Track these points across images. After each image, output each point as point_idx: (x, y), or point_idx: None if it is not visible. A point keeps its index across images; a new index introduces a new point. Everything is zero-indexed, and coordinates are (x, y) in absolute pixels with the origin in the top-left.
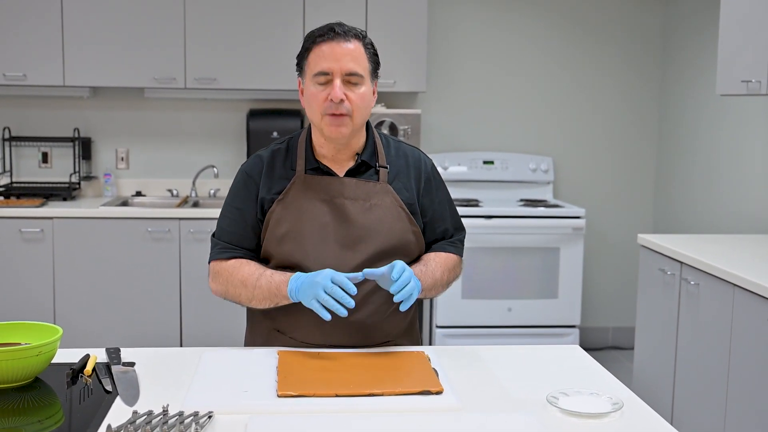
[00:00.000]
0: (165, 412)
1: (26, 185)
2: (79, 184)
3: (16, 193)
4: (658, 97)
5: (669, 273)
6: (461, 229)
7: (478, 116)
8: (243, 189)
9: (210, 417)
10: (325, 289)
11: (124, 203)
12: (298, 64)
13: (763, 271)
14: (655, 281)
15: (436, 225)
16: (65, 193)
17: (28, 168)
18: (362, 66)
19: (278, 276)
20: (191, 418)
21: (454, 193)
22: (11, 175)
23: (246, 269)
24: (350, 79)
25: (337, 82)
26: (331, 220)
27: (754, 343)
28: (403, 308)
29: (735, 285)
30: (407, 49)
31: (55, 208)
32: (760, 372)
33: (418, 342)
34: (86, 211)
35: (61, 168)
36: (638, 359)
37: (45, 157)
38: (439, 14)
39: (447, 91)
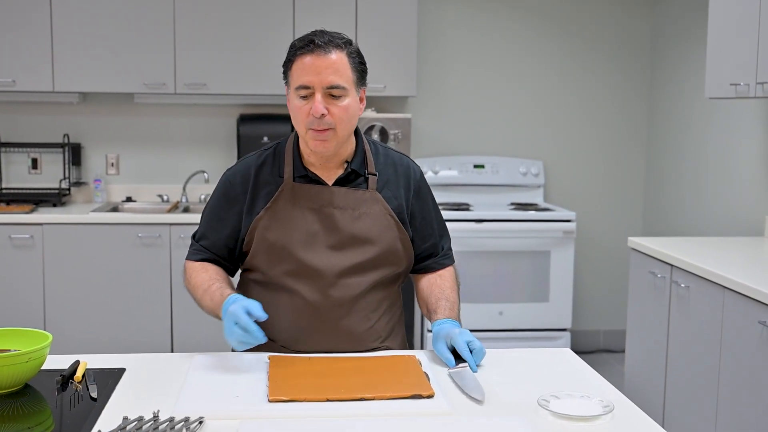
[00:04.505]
0: (155, 418)
1: (16, 191)
2: (69, 190)
3: (6, 199)
4: (648, 101)
5: (659, 276)
6: (447, 236)
7: (469, 120)
8: (223, 196)
9: (201, 422)
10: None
11: (115, 209)
12: (284, 73)
13: (752, 273)
14: (645, 284)
15: (426, 233)
16: (55, 199)
17: (17, 174)
18: (345, 77)
19: (218, 298)
20: (182, 423)
21: (445, 197)
22: (1, 181)
23: (201, 276)
24: (332, 92)
25: (318, 96)
26: (320, 229)
27: (744, 345)
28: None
29: (725, 287)
30: (397, 53)
31: (45, 214)
32: (750, 374)
33: (405, 342)
34: (76, 217)
35: (50, 174)
36: (629, 362)
37: (35, 163)
38: (429, 18)
39: (437, 95)
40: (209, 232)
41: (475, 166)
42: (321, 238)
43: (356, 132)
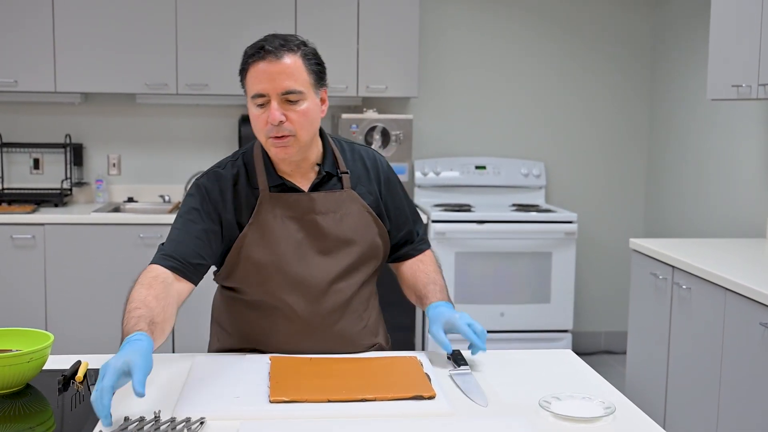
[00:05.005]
0: (157, 418)
1: (18, 191)
2: (70, 190)
3: (8, 199)
4: (649, 102)
5: (661, 277)
6: (420, 221)
7: (470, 121)
8: (201, 201)
9: (202, 423)
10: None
11: (116, 209)
12: (240, 82)
13: (754, 274)
14: (647, 285)
15: (400, 222)
16: (57, 199)
17: (19, 174)
18: (300, 81)
19: (128, 328)
20: (183, 424)
21: (447, 198)
22: (2, 182)
23: (140, 292)
24: (288, 98)
25: (274, 104)
26: (306, 237)
27: (745, 346)
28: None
29: (726, 289)
30: (399, 54)
31: (46, 215)
32: (751, 375)
33: (387, 335)
34: (78, 218)
35: (52, 174)
36: (630, 363)
37: (36, 164)
38: (431, 19)
39: (439, 96)
40: (182, 237)
41: (477, 167)
42: (309, 246)
43: (321, 132)
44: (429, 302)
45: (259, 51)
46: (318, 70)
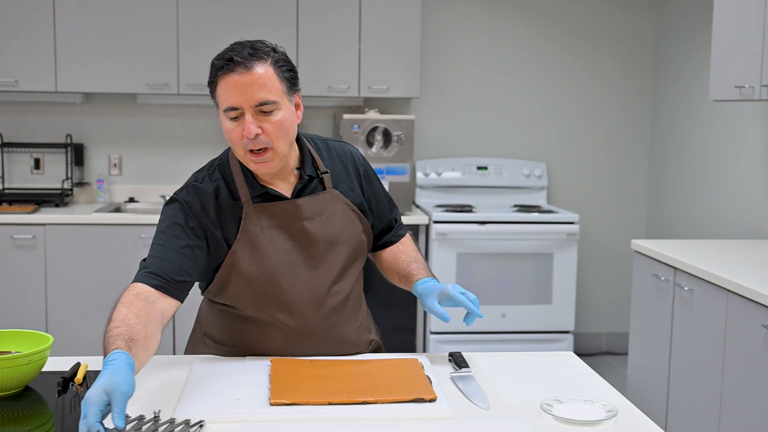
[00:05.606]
0: (156, 418)
1: (18, 191)
2: (71, 190)
3: (9, 199)
4: (651, 103)
5: (663, 278)
6: (395, 206)
7: (472, 122)
8: (184, 220)
9: (201, 426)
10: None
11: (117, 209)
12: (210, 93)
13: (756, 276)
14: (648, 287)
15: (381, 213)
16: (58, 199)
17: (20, 174)
18: (273, 90)
19: (107, 347)
20: (182, 426)
21: (448, 198)
22: (3, 182)
23: (121, 310)
24: (262, 109)
25: (248, 116)
26: (294, 245)
27: (747, 348)
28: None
29: (728, 290)
30: (401, 55)
31: (47, 215)
32: (754, 377)
33: (375, 327)
34: (79, 218)
35: (53, 174)
36: (632, 365)
37: (37, 163)
38: (433, 20)
39: (441, 96)
40: (166, 253)
41: (479, 168)
42: (299, 256)
43: (296, 136)
44: (416, 279)
45: (228, 62)
46: (290, 77)
